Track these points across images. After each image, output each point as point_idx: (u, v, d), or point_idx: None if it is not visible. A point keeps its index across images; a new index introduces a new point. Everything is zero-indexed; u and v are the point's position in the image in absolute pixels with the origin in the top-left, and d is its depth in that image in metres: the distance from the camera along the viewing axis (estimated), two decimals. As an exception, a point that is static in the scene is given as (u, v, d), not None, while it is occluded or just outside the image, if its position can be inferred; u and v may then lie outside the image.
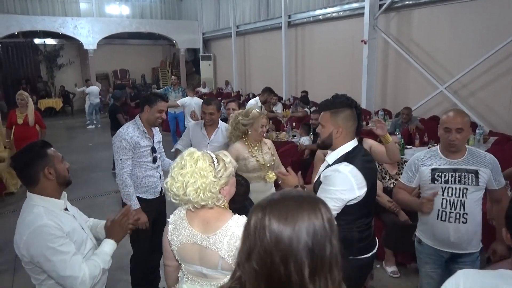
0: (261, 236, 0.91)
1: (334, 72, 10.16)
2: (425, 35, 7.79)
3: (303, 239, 0.88)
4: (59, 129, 12.75)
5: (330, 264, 0.91)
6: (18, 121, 5.98)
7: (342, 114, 2.09)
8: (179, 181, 1.55)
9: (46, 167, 1.80)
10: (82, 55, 17.45)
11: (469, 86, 7.09)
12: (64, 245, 1.72)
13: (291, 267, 0.88)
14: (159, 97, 3.12)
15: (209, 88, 15.66)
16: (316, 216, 0.91)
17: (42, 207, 1.78)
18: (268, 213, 0.92)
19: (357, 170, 1.98)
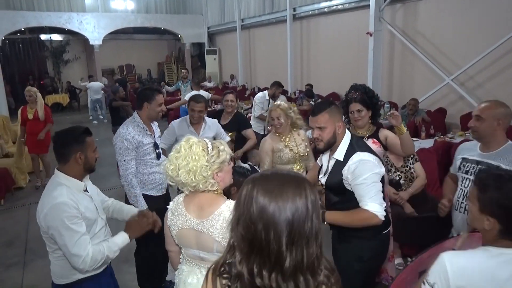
0: (248, 206, 1.01)
1: (339, 64, 10.11)
2: (431, 27, 7.71)
3: (284, 214, 0.98)
4: (66, 125, 12.64)
5: (307, 238, 0.99)
6: (28, 116, 6.09)
7: (336, 109, 2.21)
8: (173, 163, 1.67)
9: (79, 152, 2.01)
10: (88, 51, 17.50)
11: (476, 77, 7.02)
12: (77, 224, 1.91)
13: (270, 235, 0.98)
14: (155, 90, 3.06)
15: (214, 82, 15.65)
16: (300, 195, 1.00)
17: (65, 186, 1.98)
18: (257, 186, 1.02)
19: (371, 155, 2.13)
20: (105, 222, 2.24)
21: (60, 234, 1.89)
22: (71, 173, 2.03)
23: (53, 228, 1.90)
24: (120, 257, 4.11)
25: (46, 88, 16.27)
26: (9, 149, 7.10)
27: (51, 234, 1.92)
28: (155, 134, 3.13)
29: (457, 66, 7.20)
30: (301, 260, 0.99)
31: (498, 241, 1.38)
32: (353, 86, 3.07)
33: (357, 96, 2.94)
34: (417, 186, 3.53)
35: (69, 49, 17.53)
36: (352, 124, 3.06)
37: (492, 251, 1.36)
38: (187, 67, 16.25)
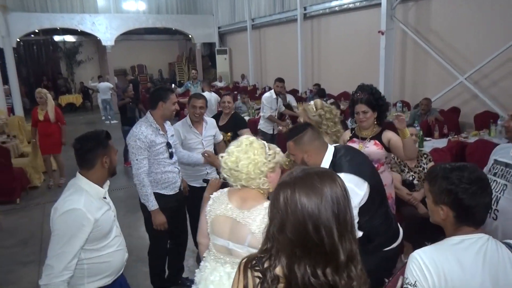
0: (293, 209, 1.03)
1: (350, 64, 10.05)
2: (445, 25, 7.62)
3: (330, 208, 1.02)
4: (79, 125, 13.00)
5: (351, 225, 1.05)
6: (39, 117, 6.15)
7: (304, 137, 2.12)
8: (234, 156, 1.72)
9: (105, 156, 2.01)
10: (100, 51, 17.71)
11: (490, 76, 6.92)
12: (77, 238, 1.86)
13: (322, 233, 1.01)
14: (169, 90, 3.13)
15: (225, 82, 15.70)
16: (336, 186, 1.05)
17: (86, 191, 1.96)
18: (298, 189, 1.05)
19: (350, 175, 1.99)
20: (120, 231, 2.20)
21: (58, 238, 1.85)
22: (95, 179, 2.00)
23: (57, 229, 1.87)
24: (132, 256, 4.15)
25: (59, 89, 16.52)
26: (24, 149, 7.22)
27: (52, 233, 1.89)
28: (168, 133, 3.14)
29: (471, 65, 7.10)
30: (350, 249, 1.03)
31: (458, 229, 1.45)
32: (360, 86, 3.03)
33: (363, 97, 2.90)
34: (431, 186, 3.49)
35: (82, 50, 17.77)
36: (358, 125, 3.04)
37: (454, 239, 1.44)
38: (198, 67, 16.36)
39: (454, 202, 1.42)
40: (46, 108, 6.17)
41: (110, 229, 2.04)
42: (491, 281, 1.36)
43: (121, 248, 2.13)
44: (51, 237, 1.89)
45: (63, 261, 1.83)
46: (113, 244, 2.05)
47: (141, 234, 4.71)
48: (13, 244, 4.59)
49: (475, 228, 1.44)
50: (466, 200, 1.40)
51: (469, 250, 1.40)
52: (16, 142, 7.08)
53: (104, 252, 2.00)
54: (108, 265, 2.03)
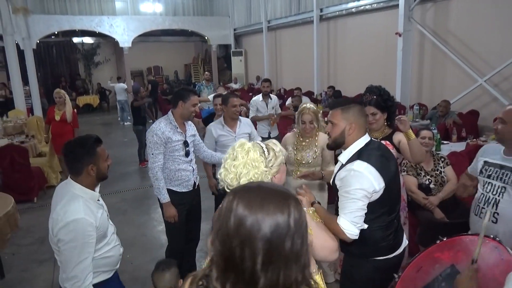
0: (226, 219, 0.94)
1: (367, 66, 9.94)
2: (464, 26, 7.47)
3: (262, 230, 0.90)
4: (96, 125, 13.20)
5: (287, 260, 0.92)
6: (55, 117, 6.23)
7: (353, 109, 2.06)
8: (232, 172, 1.60)
9: (91, 164, 1.99)
10: (117, 53, 17.95)
11: (511, 78, 6.76)
12: (90, 244, 1.92)
13: (245, 253, 0.91)
14: (191, 91, 3.22)
15: (240, 83, 15.72)
16: (282, 212, 0.92)
17: (82, 197, 1.97)
18: (238, 198, 0.95)
19: (372, 167, 1.93)
20: (115, 228, 2.27)
21: (68, 249, 1.89)
22: (84, 184, 2.02)
23: (66, 242, 1.89)
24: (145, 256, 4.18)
25: (77, 90, 16.80)
26: (42, 148, 7.35)
27: (60, 247, 1.91)
28: (188, 132, 3.23)
29: (491, 67, 6.95)
30: (276, 282, 0.91)
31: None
32: (368, 88, 3.01)
33: (372, 99, 2.87)
34: (448, 190, 3.42)
35: (99, 51, 18.04)
36: (368, 127, 2.99)
37: None
38: (213, 69, 16.44)
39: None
40: (64, 108, 6.27)
41: (107, 229, 2.11)
42: None
43: (118, 244, 2.23)
44: (60, 248, 1.91)
45: (84, 268, 1.91)
46: (110, 242, 2.14)
47: (154, 234, 4.74)
48: (30, 243, 4.66)
49: None
50: None
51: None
52: (35, 142, 7.21)
53: (104, 250, 2.08)
54: (108, 261, 2.13)
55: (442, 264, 1.71)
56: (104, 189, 2.37)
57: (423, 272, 1.69)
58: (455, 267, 1.58)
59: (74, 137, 6.31)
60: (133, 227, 4.95)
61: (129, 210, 5.52)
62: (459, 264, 1.58)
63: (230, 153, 1.64)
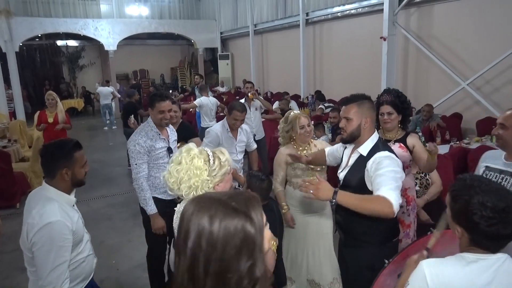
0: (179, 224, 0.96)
1: (352, 69, 10.05)
2: (447, 31, 7.61)
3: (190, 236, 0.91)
4: (81, 129, 13.02)
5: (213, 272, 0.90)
6: (48, 120, 6.15)
7: (367, 104, 2.19)
8: (174, 176, 1.60)
9: (65, 168, 1.94)
10: (103, 56, 17.77)
11: (492, 82, 6.90)
12: (66, 247, 1.87)
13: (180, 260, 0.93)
14: (157, 97, 3.05)
15: (227, 87, 15.71)
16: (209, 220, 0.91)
17: (57, 201, 1.92)
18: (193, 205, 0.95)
19: (395, 156, 2.13)
20: (89, 236, 2.21)
21: (44, 254, 1.83)
22: (59, 187, 1.97)
23: (41, 245, 1.83)
24: (132, 262, 4.12)
25: (61, 93, 16.57)
26: (25, 153, 7.22)
27: (34, 251, 1.85)
28: (171, 138, 3.17)
29: (473, 71, 7.08)
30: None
31: (472, 248, 1.37)
32: (386, 89, 3.10)
33: (389, 99, 2.93)
34: (433, 193, 3.46)
35: (84, 54, 17.83)
36: (381, 127, 3.03)
37: (468, 257, 1.36)
38: (200, 72, 16.38)
39: (471, 228, 1.34)
40: (55, 110, 6.19)
41: (83, 236, 2.05)
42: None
43: (92, 253, 2.17)
44: (35, 253, 1.86)
45: (60, 274, 1.85)
46: (84, 250, 2.07)
47: (142, 240, 4.68)
48: (12, 249, 4.55)
49: (491, 252, 1.35)
50: (485, 231, 1.30)
51: (480, 272, 1.32)
52: (17, 146, 7.08)
53: (78, 258, 2.02)
54: (81, 270, 2.05)
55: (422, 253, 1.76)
56: (90, 194, 2.37)
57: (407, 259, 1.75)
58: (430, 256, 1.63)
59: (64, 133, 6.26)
60: (119, 233, 4.89)
61: (115, 215, 5.45)
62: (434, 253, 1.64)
63: (176, 156, 1.63)
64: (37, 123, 6.40)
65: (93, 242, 2.24)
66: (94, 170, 4.30)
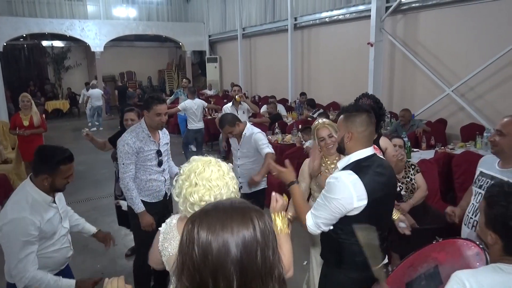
0: (190, 250, 0.87)
1: (340, 74, 10.13)
2: (432, 38, 7.74)
3: (231, 251, 0.84)
4: (66, 131, 12.83)
5: (261, 276, 0.87)
6: (24, 123, 6.01)
7: (354, 118, 2.00)
8: (215, 187, 1.51)
9: (46, 175, 2.06)
10: (89, 57, 17.58)
11: (476, 88, 7.03)
12: (30, 243, 1.98)
13: (220, 282, 0.84)
14: (155, 100, 3.04)
15: (215, 90, 15.67)
16: (246, 227, 0.87)
17: (33, 197, 2.05)
18: (197, 225, 0.88)
19: (359, 181, 1.88)
20: (67, 230, 2.32)
21: (9, 246, 1.97)
22: (40, 187, 2.09)
23: (6, 240, 1.97)
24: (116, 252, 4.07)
25: (46, 94, 16.32)
26: (8, 155, 7.07)
27: (2, 244, 2.00)
28: (162, 141, 3.15)
29: (458, 77, 7.21)
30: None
31: (505, 258, 1.36)
32: (363, 94, 3.17)
33: (368, 103, 3.00)
34: (418, 197, 3.51)
35: (70, 55, 17.61)
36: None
37: (505, 268, 1.35)
38: (188, 75, 16.33)
39: (507, 235, 1.34)
40: (30, 113, 6.06)
41: (55, 231, 2.17)
42: None
43: (66, 246, 2.29)
44: (2, 245, 1.99)
45: (25, 265, 1.98)
46: (57, 243, 2.19)
47: (126, 243, 4.63)
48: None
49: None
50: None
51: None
52: (0, 148, 6.93)
53: (48, 250, 2.13)
54: (51, 260, 2.18)
55: (429, 264, 1.75)
56: (75, 197, 2.45)
57: (412, 268, 1.74)
58: (437, 268, 1.62)
59: (43, 142, 6.14)
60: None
61: (100, 219, 5.37)
62: (442, 265, 1.62)
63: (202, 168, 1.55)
64: (11, 126, 6.22)
65: (77, 246, 2.28)
66: (80, 173, 4.25)
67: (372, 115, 2.06)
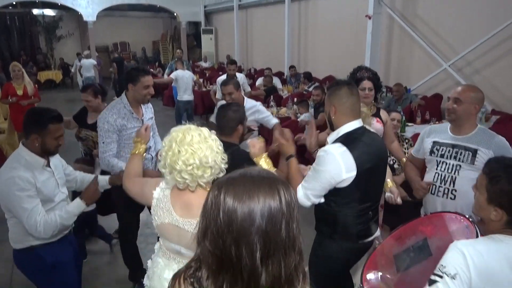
0: (215, 215, 0.88)
1: (337, 47, 10.00)
2: (431, 11, 7.61)
3: (256, 221, 0.85)
4: (59, 102, 12.66)
5: (285, 248, 0.88)
6: (18, 92, 5.94)
7: (335, 92, 2.07)
8: (198, 149, 1.51)
9: (36, 134, 2.09)
10: (81, 27, 17.21)
11: (473, 63, 6.98)
12: (28, 196, 2.04)
13: (242, 250, 0.85)
14: (141, 71, 2.87)
15: (210, 62, 15.47)
16: (273, 197, 0.87)
17: (25, 159, 2.10)
18: (224, 191, 0.88)
19: (349, 153, 1.92)
20: (66, 195, 2.36)
21: (13, 205, 2.04)
22: (31, 150, 2.13)
23: (5, 199, 2.05)
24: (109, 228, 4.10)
25: (38, 64, 16.02)
26: (1, 125, 7.01)
27: (4, 204, 2.08)
28: (146, 116, 2.99)
29: (455, 52, 7.14)
30: (278, 274, 0.87)
31: (504, 230, 1.38)
32: (360, 66, 3.17)
33: (367, 75, 3.05)
34: (411, 171, 3.53)
35: (62, 25, 17.20)
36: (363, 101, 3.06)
37: (505, 239, 1.36)
38: (183, 47, 16.07)
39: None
40: (23, 82, 5.97)
41: (53, 195, 2.21)
42: None
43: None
44: (8, 206, 2.07)
45: (35, 218, 2.04)
46: (57, 208, 2.22)
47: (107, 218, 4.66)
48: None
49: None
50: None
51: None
52: (-8, 118, 6.87)
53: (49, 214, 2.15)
54: None
55: (417, 236, 1.77)
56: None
57: (400, 241, 1.76)
58: (426, 241, 1.64)
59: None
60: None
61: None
62: (431, 239, 1.65)
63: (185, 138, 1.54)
64: (3, 95, 6.11)
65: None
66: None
67: (353, 87, 2.10)
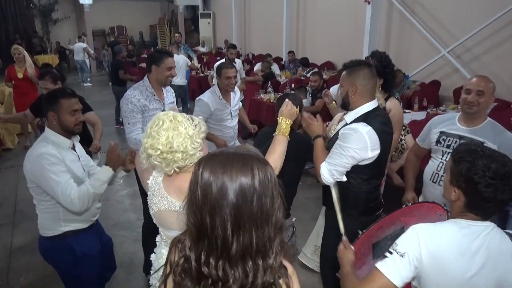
0: (194, 189, 0.95)
1: (336, 33, 9.91)
2: (431, -4, 7.54)
3: (229, 195, 0.91)
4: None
5: (256, 221, 0.92)
6: (18, 75, 5.91)
7: (357, 72, 2.09)
8: (164, 136, 1.52)
9: (51, 112, 2.11)
10: (78, 10, 16.99)
11: (472, 50, 6.95)
12: (59, 171, 2.02)
13: (216, 221, 0.92)
14: (165, 53, 2.93)
15: (208, 47, 15.34)
16: (245, 174, 0.92)
17: (51, 140, 2.11)
18: (202, 167, 0.95)
19: (374, 132, 2.01)
20: None
21: (47, 181, 2.00)
22: (55, 130, 2.14)
23: (38, 176, 2.01)
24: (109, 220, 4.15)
25: (34, 48, 15.85)
26: (-3, 109, 6.97)
27: (37, 181, 2.04)
28: (166, 99, 3.02)
29: (455, 38, 7.10)
30: (249, 244, 0.92)
31: (464, 214, 1.40)
32: (372, 52, 3.09)
33: (372, 63, 2.94)
34: (407, 157, 3.55)
35: (58, 8, 16.97)
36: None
37: (461, 223, 1.40)
38: (180, 31, 15.90)
39: (470, 191, 1.36)
40: (24, 65, 5.94)
41: (82, 178, 2.17)
42: (489, 272, 1.33)
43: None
44: (41, 183, 2.02)
45: (69, 187, 2.01)
46: None
47: (118, 198, 4.69)
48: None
49: (482, 219, 1.39)
50: (484, 193, 1.33)
51: (473, 237, 1.35)
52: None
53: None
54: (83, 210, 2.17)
55: (396, 226, 1.81)
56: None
57: (381, 231, 1.78)
58: (403, 230, 1.67)
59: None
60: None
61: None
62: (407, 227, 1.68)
63: (154, 121, 1.59)
64: (6, 78, 6.14)
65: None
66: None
67: (373, 69, 2.16)
